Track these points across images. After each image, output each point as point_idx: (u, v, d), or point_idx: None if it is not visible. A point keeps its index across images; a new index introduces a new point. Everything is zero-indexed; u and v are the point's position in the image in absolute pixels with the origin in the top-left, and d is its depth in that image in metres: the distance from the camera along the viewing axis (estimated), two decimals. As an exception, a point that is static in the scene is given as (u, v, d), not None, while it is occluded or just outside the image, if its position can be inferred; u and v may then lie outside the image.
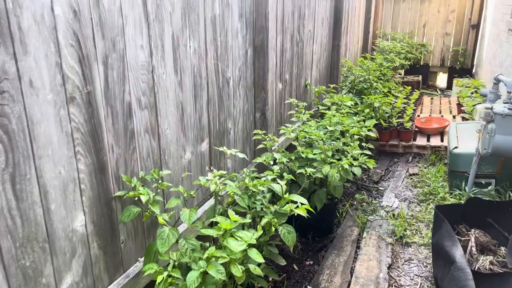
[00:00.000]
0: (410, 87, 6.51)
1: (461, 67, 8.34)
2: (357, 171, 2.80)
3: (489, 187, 3.38)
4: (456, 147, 3.67)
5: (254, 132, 2.89)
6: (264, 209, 2.11)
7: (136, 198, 1.77)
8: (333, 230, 3.37)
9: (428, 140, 4.96)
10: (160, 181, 1.91)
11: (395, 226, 3.30)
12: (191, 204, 2.30)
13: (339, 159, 3.05)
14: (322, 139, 2.98)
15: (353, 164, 2.81)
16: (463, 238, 2.53)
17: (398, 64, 6.59)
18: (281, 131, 2.91)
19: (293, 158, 2.78)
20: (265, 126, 3.15)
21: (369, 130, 3.31)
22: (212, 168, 2.46)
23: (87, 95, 1.57)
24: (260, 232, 1.86)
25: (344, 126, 3.17)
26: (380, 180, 4.34)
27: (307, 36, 4.23)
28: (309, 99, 4.59)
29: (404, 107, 5.69)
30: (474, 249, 2.45)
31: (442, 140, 4.92)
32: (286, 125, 2.99)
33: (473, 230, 2.60)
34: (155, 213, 1.79)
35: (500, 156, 3.10)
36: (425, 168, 4.52)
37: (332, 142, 3.04)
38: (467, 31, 8.33)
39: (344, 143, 3.07)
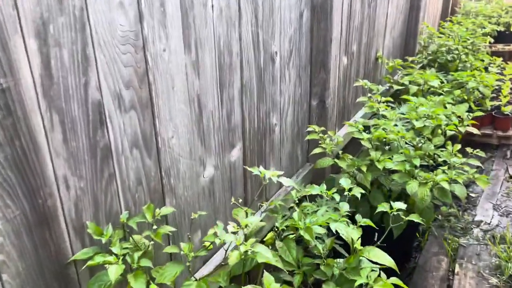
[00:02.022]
0: (500, 59, 5.28)
1: None
2: (460, 190, 1.92)
3: None
4: None
5: (308, 130, 2.08)
6: (322, 267, 1.33)
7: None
8: (411, 257, 2.53)
9: (533, 130, 3.86)
10: (154, 228, 1.18)
11: (499, 258, 2.40)
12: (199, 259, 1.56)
13: (430, 167, 2.17)
14: (406, 140, 2.11)
15: (454, 180, 1.93)
16: None
17: (490, 31, 5.34)
18: (348, 129, 2.07)
19: (364, 169, 1.95)
20: (324, 117, 2.31)
21: (471, 123, 2.36)
22: (239, 200, 1.68)
23: (2, 95, 0.85)
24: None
25: (436, 120, 2.26)
26: (470, 182, 3.37)
27: (381, -6, 3.25)
28: (379, 76, 3.65)
29: (498, 86, 4.54)
30: None
31: (553, 131, 3.80)
32: (354, 119, 2.14)
33: None
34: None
35: None
36: (531, 168, 3.47)
37: (420, 143, 2.16)
38: None
39: (435, 146, 2.17)
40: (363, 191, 1.54)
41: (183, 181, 1.42)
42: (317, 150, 1.98)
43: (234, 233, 1.17)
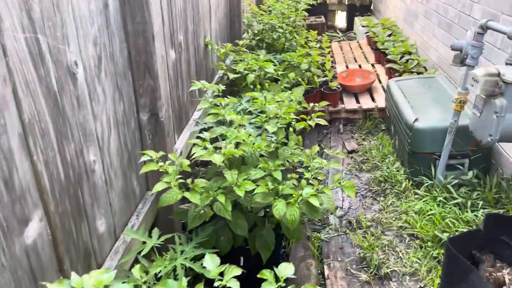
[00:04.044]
0: (316, 31, 5.52)
1: (361, 4, 7.61)
2: (329, 202, 1.70)
3: (469, 173, 2.59)
4: (416, 120, 2.79)
5: (142, 159, 1.56)
6: None
7: None
8: (279, 268, 2.30)
9: (357, 101, 4.07)
10: None
11: (362, 248, 2.35)
12: None
13: (288, 170, 1.91)
14: (262, 149, 1.79)
15: (320, 191, 1.69)
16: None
17: (305, 6, 5.49)
18: (195, 153, 1.62)
19: (222, 199, 1.55)
20: (160, 134, 1.81)
21: (319, 116, 2.18)
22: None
23: None
24: None
25: (287, 119, 2.00)
26: (315, 164, 3.35)
27: (201, -29, 2.82)
28: (211, 64, 3.28)
29: (321, 61, 4.69)
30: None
31: (373, 100, 4.08)
32: (200, 135, 1.71)
33: (505, 270, 1.74)
34: None
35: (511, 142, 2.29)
36: (363, 140, 3.64)
37: (275, 147, 1.86)
38: (365, -38, 7.53)
39: (291, 148, 1.91)
40: (237, 283, 1.13)
41: None
42: (159, 187, 1.49)
43: None
